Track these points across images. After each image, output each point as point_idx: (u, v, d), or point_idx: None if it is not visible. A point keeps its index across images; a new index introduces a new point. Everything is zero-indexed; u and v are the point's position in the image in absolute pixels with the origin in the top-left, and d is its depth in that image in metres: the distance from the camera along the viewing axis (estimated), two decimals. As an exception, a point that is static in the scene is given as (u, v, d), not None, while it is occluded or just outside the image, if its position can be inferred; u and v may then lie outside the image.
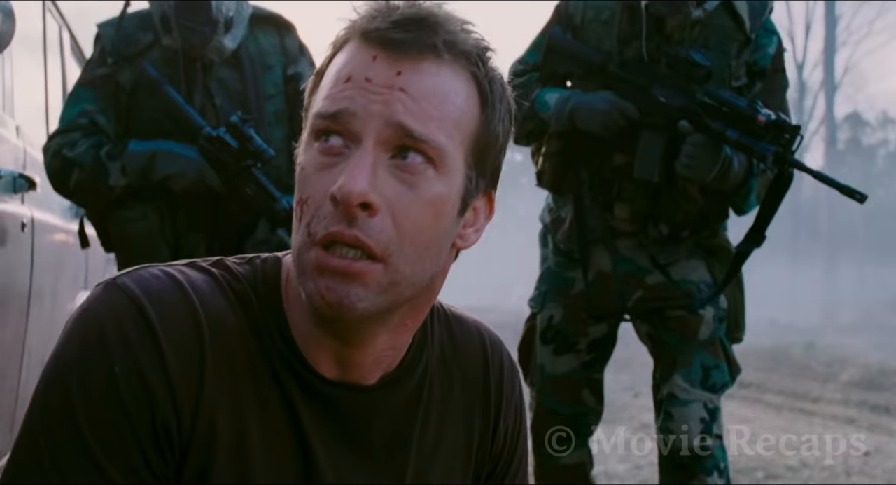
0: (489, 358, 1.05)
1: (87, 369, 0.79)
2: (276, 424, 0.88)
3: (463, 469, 1.02)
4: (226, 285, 0.89)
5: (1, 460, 2.03)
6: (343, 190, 0.79)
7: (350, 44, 0.87)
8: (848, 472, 4.40)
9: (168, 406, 0.80)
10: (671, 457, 2.24)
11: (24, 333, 2.13)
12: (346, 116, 0.82)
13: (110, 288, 0.84)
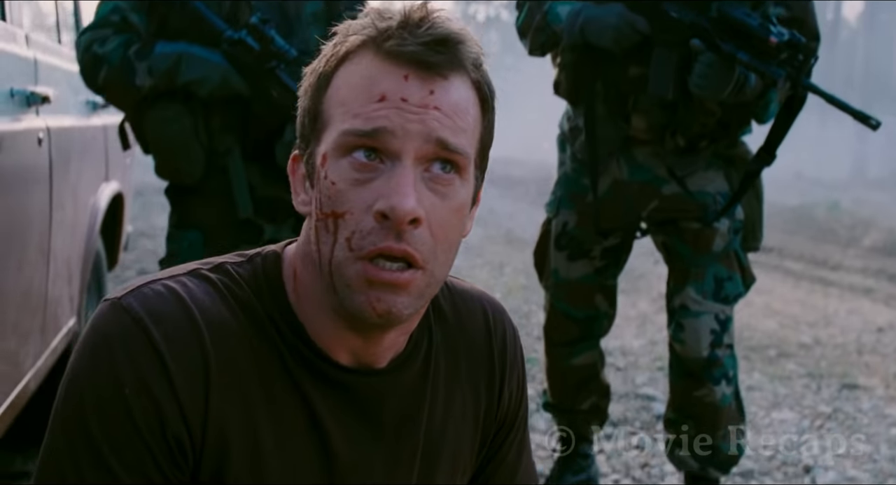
0: (492, 329, 1.08)
1: (99, 392, 0.84)
2: (290, 419, 0.92)
3: (471, 436, 1.07)
4: (226, 293, 0.91)
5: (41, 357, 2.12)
6: (397, 209, 0.83)
7: (367, 56, 0.88)
8: (860, 350, 4.48)
9: (178, 421, 0.84)
10: (681, 365, 2.29)
11: (49, 241, 2.17)
12: (385, 135, 0.84)
13: (117, 310, 0.86)
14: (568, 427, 2.61)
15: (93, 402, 0.83)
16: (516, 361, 1.10)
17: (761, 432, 3.28)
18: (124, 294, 0.88)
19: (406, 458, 1.00)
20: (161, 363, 0.84)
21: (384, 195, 0.84)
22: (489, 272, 6.33)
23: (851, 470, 2.93)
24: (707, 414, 2.25)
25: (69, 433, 0.85)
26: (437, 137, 0.85)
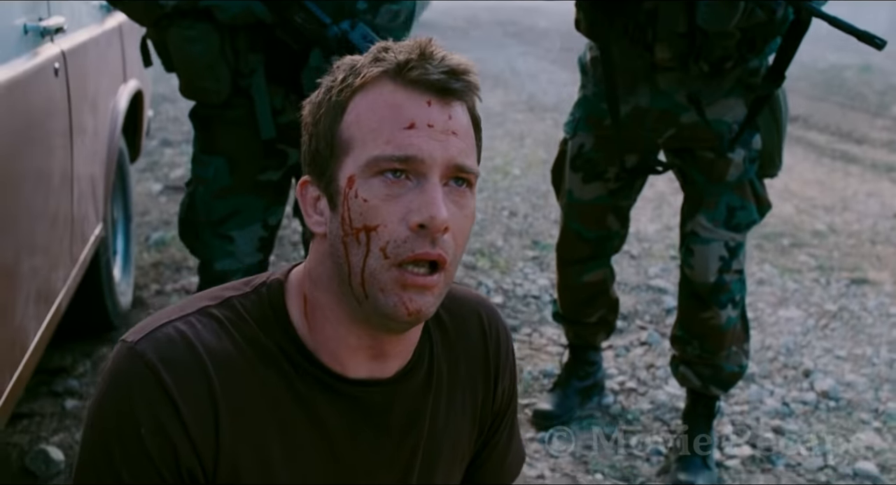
0: (487, 332, 1.17)
1: (120, 428, 0.93)
2: (301, 437, 1.00)
3: (469, 429, 1.17)
4: (232, 329, 0.99)
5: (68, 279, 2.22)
6: (436, 219, 0.93)
7: (387, 86, 0.95)
8: (874, 240, 4.52)
9: (190, 456, 0.93)
10: (689, 286, 2.35)
11: (71, 165, 2.21)
12: (414, 162, 0.94)
13: (134, 356, 0.94)
14: (575, 337, 2.72)
15: (115, 435, 0.93)
16: (508, 359, 1.19)
17: (766, 330, 3.38)
18: (140, 339, 0.95)
19: (409, 455, 1.08)
20: (174, 407, 0.92)
21: (418, 208, 0.93)
22: (509, 144, 6.32)
23: (850, 374, 3.04)
24: (712, 336, 2.33)
25: (96, 459, 0.95)
26: (455, 163, 0.96)
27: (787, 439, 2.62)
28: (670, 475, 2.34)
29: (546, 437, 2.59)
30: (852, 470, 2.48)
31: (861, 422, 2.74)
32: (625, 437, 2.62)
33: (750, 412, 2.77)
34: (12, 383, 1.78)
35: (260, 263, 2.17)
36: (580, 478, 2.42)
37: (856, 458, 2.54)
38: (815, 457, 2.54)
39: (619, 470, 2.46)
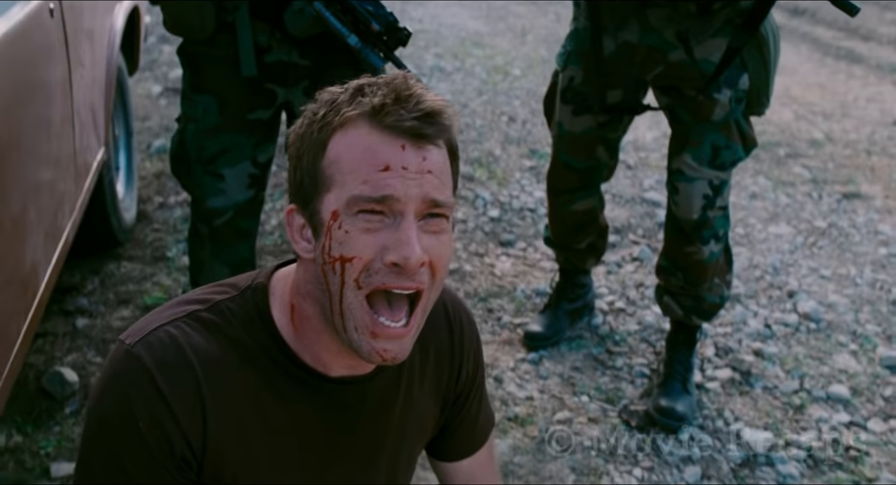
0: (452, 322, 1.27)
1: (121, 422, 1.03)
2: (282, 430, 1.11)
3: (434, 407, 1.28)
4: (219, 333, 1.07)
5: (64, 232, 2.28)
6: (409, 260, 1.00)
7: (363, 128, 1.00)
8: (870, 150, 4.54)
9: (183, 445, 1.04)
10: (674, 221, 2.42)
11: (71, 101, 2.24)
12: (391, 201, 1.00)
13: (130, 359, 1.03)
14: (566, 262, 2.80)
15: (117, 429, 1.03)
16: (472, 346, 1.30)
17: (756, 248, 3.46)
18: (136, 343, 1.04)
19: (381, 439, 1.20)
20: (166, 405, 1.02)
21: (394, 247, 1.00)
22: (510, 40, 6.24)
23: (832, 295, 3.14)
24: (695, 268, 2.41)
25: (100, 451, 1.05)
26: (431, 199, 1.02)
27: (766, 362, 2.75)
28: (652, 400, 2.47)
29: (536, 358, 2.72)
30: (826, 393, 2.61)
31: (839, 344, 2.86)
32: (611, 359, 2.75)
33: (733, 334, 2.88)
34: (32, 311, 1.88)
35: (251, 200, 2.22)
36: (567, 400, 2.55)
37: (830, 381, 2.67)
38: (791, 380, 2.66)
39: (604, 392, 2.59)
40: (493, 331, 2.88)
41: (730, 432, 2.44)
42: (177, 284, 2.99)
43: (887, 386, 2.66)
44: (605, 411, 2.51)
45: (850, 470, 2.33)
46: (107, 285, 2.96)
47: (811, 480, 2.29)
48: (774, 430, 2.44)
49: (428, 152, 1.01)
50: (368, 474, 1.19)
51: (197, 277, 2.33)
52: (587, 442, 2.39)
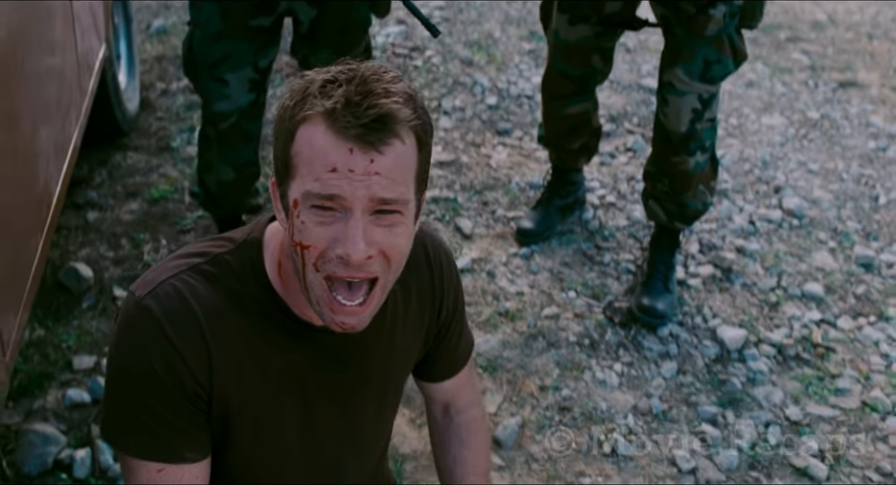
0: (432, 262, 1.36)
1: (139, 368, 1.16)
2: (274, 371, 1.23)
3: (417, 339, 1.40)
4: (218, 285, 1.19)
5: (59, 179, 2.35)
6: (351, 256, 1.07)
7: (320, 127, 1.05)
8: (871, 34, 4.51)
9: (193, 383, 1.17)
10: (662, 131, 2.49)
11: (72, 11, 2.28)
12: (339, 199, 1.06)
13: (141, 310, 1.15)
14: (558, 160, 2.89)
15: (135, 374, 1.16)
16: (451, 283, 1.40)
17: (747, 140, 3.53)
18: (145, 295, 1.16)
19: (368, 375, 1.32)
20: (176, 351, 1.15)
21: (341, 241, 1.07)
22: None
23: (818, 190, 3.24)
24: (680, 178, 2.50)
25: (122, 392, 1.19)
26: (378, 198, 1.07)
27: (747, 259, 2.88)
28: (634, 298, 2.61)
29: (528, 253, 2.85)
30: (801, 291, 2.75)
31: (818, 242, 2.98)
32: (599, 254, 2.88)
33: (717, 230, 3.00)
34: (47, 226, 2.00)
35: (252, 104, 2.30)
36: (555, 296, 2.70)
37: (806, 279, 2.81)
38: (769, 277, 2.80)
39: (591, 288, 2.73)
40: (488, 225, 3.00)
41: (707, 328, 2.60)
42: (182, 176, 3.09)
43: (860, 284, 2.80)
44: (591, 307, 2.66)
45: (816, 366, 2.50)
46: (114, 177, 3.06)
47: (779, 376, 2.47)
48: (749, 327, 2.60)
49: (377, 155, 1.05)
50: (357, 408, 1.33)
51: (204, 177, 2.43)
52: (572, 338, 2.55)
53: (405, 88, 1.08)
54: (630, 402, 2.37)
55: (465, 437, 1.54)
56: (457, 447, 1.54)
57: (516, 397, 2.37)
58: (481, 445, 1.56)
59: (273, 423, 1.26)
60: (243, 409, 1.23)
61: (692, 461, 2.21)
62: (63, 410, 2.22)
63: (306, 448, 1.31)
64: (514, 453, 2.22)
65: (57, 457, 2.08)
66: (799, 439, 2.27)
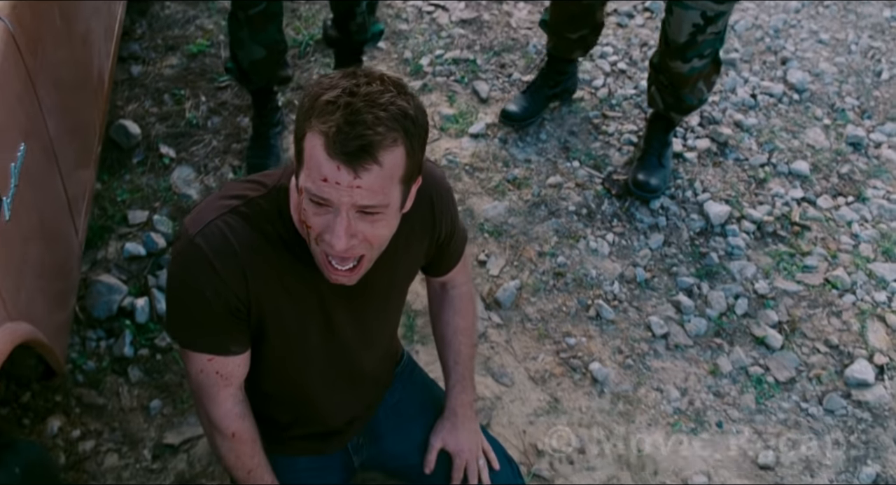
0: (433, 203, 1.63)
1: (192, 293, 1.47)
2: (301, 297, 1.54)
3: (418, 262, 1.72)
4: (255, 225, 1.47)
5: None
6: (334, 249, 1.35)
7: (320, 140, 1.27)
8: None
9: (235, 301, 1.48)
10: (664, 37, 2.60)
11: None
12: (329, 202, 1.32)
13: (193, 246, 1.44)
14: (554, 49, 3.00)
15: (190, 294, 1.48)
16: (447, 209, 1.68)
17: (763, 4, 3.60)
18: (196, 233, 1.44)
19: (378, 292, 1.64)
20: (221, 279, 1.46)
21: (328, 232, 1.34)
22: None
23: (823, 63, 3.36)
24: (676, 78, 2.63)
25: (180, 312, 1.52)
26: (360, 205, 1.31)
27: (744, 134, 3.08)
28: (631, 172, 2.85)
29: (538, 119, 3.06)
30: (788, 168, 2.98)
31: (814, 118, 3.16)
32: (605, 123, 3.08)
33: (720, 103, 3.18)
34: (103, 104, 2.25)
35: None
36: (560, 165, 2.94)
37: (796, 156, 3.02)
38: (761, 154, 3.02)
39: (593, 158, 2.97)
40: (503, 88, 3.19)
41: (695, 202, 2.85)
42: (218, 30, 3.26)
43: (846, 164, 3.01)
44: (592, 177, 2.91)
45: (790, 243, 2.77)
46: (154, 29, 3.24)
47: (755, 251, 2.75)
48: (734, 204, 2.85)
49: (360, 173, 1.26)
50: (366, 311, 1.65)
51: (237, 51, 2.64)
52: (571, 207, 2.82)
53: (400, 108, 1.28)
54: (617, 270, 2.67)
55: (457, 306, 1.90)
56: (450, 314, 1.90)
57: (517, 261, 2.68)
58: (469, 312, 1.92)
59: (297, 327, 1.58)
60: (274, 317, 1.55)
61: (665, 327, 2.54)
62: (122, 261, 2.56)
63: (326, 344, 1.65)
64: (511, 313, 2.56)
65: (121, 304, 2.44)
66: (763, 311, 2.59)
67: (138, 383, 2.32)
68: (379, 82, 1.30)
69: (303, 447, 1.85)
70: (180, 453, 2.20)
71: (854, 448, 2.31)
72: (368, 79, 1.30)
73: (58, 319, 1.85)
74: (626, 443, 2.30)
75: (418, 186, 1.46)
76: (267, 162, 2.79)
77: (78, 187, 2.06)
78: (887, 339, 2.54)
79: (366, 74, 1.31)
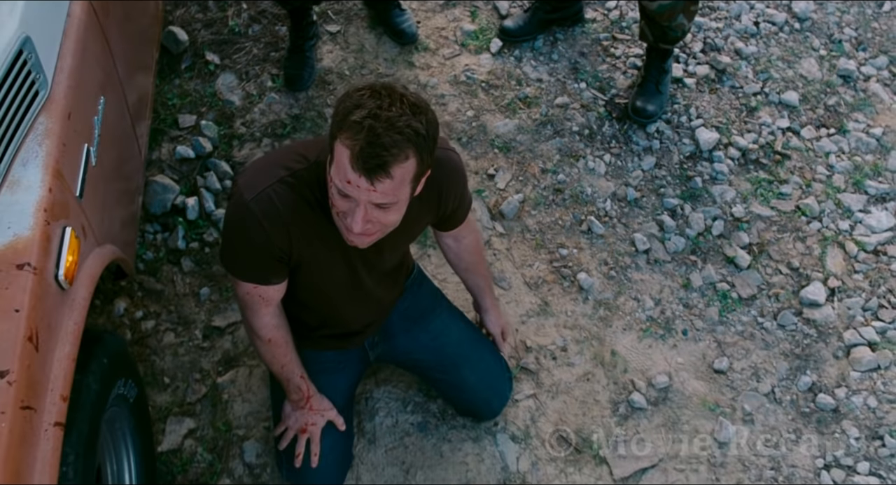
0: (441, 184, 1.96)
1: (245, 241, 1.86)
2: (331, 245, 1.92)
3: (426, 221, 2.10)
4: (297, 192, 1.83)
5: None
6: (352, 232, 1.75)
7: (346, 153, 1.61)
8: None
9: (278, 251, 1.87)
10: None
11: None
12: (350, 197, 1.68)
13: (248, 209, 1.81)
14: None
15: (242, 242, 1.87)
16: (454, 193, 2.05)
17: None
18: (250, 199, 1.81)
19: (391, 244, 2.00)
20: (269, 235, 1.84)
21: (349, 216, 1.72)
22: None
23: (829, -9, 3.54)
24: (652, 14, 2.83)
25: (234, 257, 1.92)
26: (375, 202, 1.69)
27: (742, 61, 3.31)
28: (630, 98, 3.12)
29: (551, 39, 3.30)
30: (779, 98, 3.23)
31: (811, 48, 3.38)
32: (614, 45, 3.32)
33: (723, 30, 3.39)
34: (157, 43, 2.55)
35: None
36: (569, 85, 3.22)
37: (787, 87, 3.27)
38: (756, 82, 3.26)
39: (599, 80, 3.23)
40: (523, 6, 3.41)
41: (689, 127, 3.14)
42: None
43: (833, 95, 3.26)
44: (596, 99, 3.19)
45: (769, 171, 3.07)
46: None
47: (737, 176, 3.05)
48: (724, 131, 3.13)
49: (376, 182, 1.62)
50: (382, 254, 2.04)
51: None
52: (575, 128, 3.12)
53: (414, 130, 1.61)
54: (611, 189, 3.00)
55: (467, 260, 2.34)
56: (468, 257, 2.34)
57: (522, 176, 3.01)
58: (479, 255, 2.35)
59: (326, 265, 1.97)
60: (308, 259, 1.94)
61: (647, 244, 2.89)
62: (174, 162, 2.91)
63: (348, 276, 2.04)
64: (513, 224, 2.91)
65: (174, 202, 2.81)
66: (736, 233, 2.93)
67: (190, 272, 2.72)
68: (399, 104, 1.61)
69: (328, 344, 2.26)
70: (226, 335, 2.62)
71: (798, 359, 2.70)
72: (391, 100, 1.61)
73: (129, 233, 2.23)
74: (602, 344, 2.70)
75: (428, 175, 1.80)
76: (302, 73, 3.08)
77: (141, 103, 2.39)
78: (843, 264, 2.88)
79: (389, 95, 1.62)
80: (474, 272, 2.37)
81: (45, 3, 1.77)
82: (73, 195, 1.75)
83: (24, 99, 1.67)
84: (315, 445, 2.24)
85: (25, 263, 1.57)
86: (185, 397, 2.52)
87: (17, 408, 1.48)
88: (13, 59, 1.63)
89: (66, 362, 1.63)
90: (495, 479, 2.45)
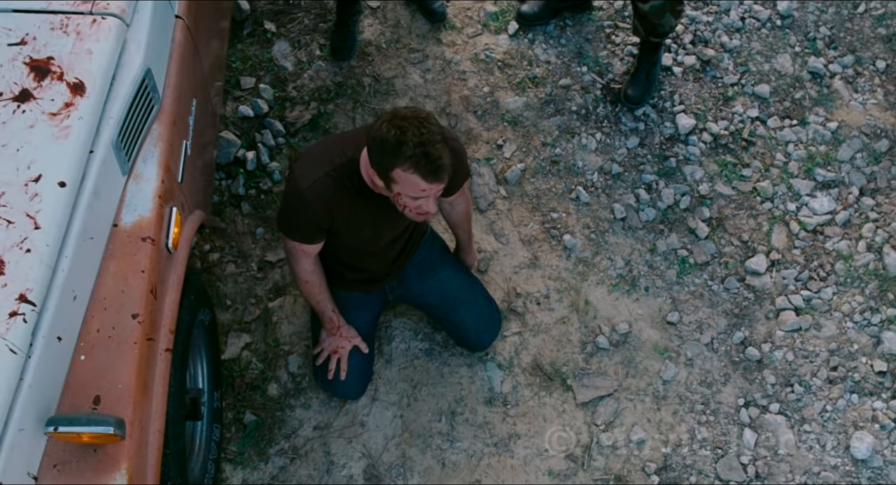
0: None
1: (297, 215, 2.52)
2: (363, 218, 2.56)
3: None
4: (339, 182, 2.47)
5: None
6: (429, 214, 2.43)
7: (413, 173, 2.26)
8: None
9: (321, 223, 2.53)
10: None
11: None
12: (422, 197, 2.32)
13: (302, 196, 2.47)
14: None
15: (295, 215, 2.53)
16: (458, 178, 2.62)
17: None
18: (304, 188, 2.46)
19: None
20: (316, 213, 2.50)
21: (425, 206, 2.39)
22: None
23: (812, -9, 3.99)
24: (644, 14, 3.31)
25: (287, 214, 2.57)
26: (437, 196, 2.36)
27: (725, 54, 3.82)
28: (624, 85, 3.65)
29: (560, 24, 3.81)
30: (752, 91, 3.75)
31: (788, 45, 3.87)
32: (615, 33, 3.83)
33: (713, 23, 3.88)
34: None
35: None
36: (572, 68, 3.75)
37: (762, 80, 3.77)
38: (734, 74, 3.77)
39: (599, 65, 3.76)
40: (541, -10, 3.90)
41: (671, 113, 3.68)
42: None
43: (800, 90, 3.78)
44: (595, 82, 3.72)
45: (735, 155, 3.63)
46: None
47: (707, 158, 3.61)
48: (701, 117, 3.67)
49: (436, 183, 2.29)
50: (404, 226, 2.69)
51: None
52: (574, 107, 3.67)
53: (443, 134, 2.25)
54: (598, 163, 3.57)
55: (461, 212, 2.94)
56: (457, 218, 2.95)
57: (525, 147, 3.58)
58: (467, 218, 2.97)
59: (358, 230, 2.62)
60: (344, 227, 2.57)
61: (624, 213, 3.48)
62: (237, 119, 3.50)
63: (374, 239, 2.68)
64: (515, 188, 3.50)
65: (236, 155, 3.42)
66: (699, 208, 3.51)
67: (248, 215, 3.35)
68: (424, 125, 2.23)
69: (356, 286, 2.91)
70: (276, 268, 3.27)
71: (735, 318, 3.33)
72: (418, 123, 2.23)
73: (209, 195, 2.85)
74: (578, 294, 3.33)
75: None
76: (346, 44, 3.62)
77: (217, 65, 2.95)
78: (785, 240, 3.47)
79: (419, 122, 2.22)
80: (459, 228, 3.02)
81: (160, 36, 2.35)
82: (176, 182, 2.37)
83: (145, 113, 2.27)
84: (344, 363, 2.92)
85: (147, 237, 2.20)
86: (243, 317, 3.18)
87: (144, 340, 2.13)
88: (139, 86, 2.22)
89: (172, 306, 2.28)
90: (483, 397, 3.13)
